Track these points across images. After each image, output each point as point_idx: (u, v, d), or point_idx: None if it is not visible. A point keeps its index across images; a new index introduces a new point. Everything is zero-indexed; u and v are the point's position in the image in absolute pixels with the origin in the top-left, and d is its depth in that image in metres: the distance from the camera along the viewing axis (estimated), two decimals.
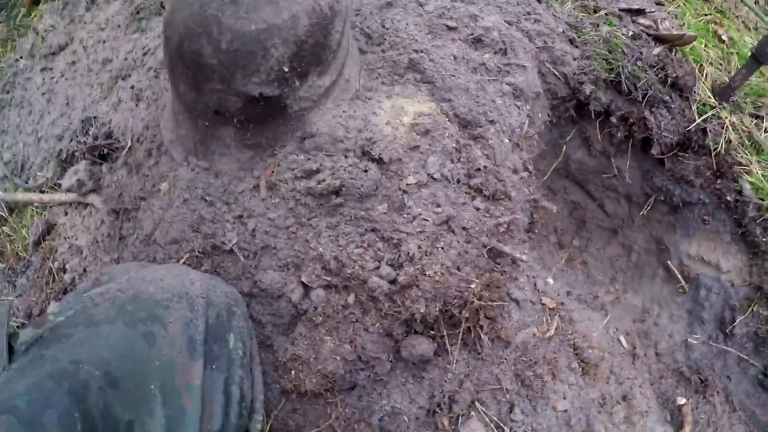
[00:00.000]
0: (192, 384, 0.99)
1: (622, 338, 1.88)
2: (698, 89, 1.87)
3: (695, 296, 1.94)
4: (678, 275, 1.95)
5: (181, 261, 1.33)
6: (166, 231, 1.36)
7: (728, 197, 1.82)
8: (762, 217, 1.76)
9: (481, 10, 1.72)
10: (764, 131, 1.89)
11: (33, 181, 2.00)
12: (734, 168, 1.82)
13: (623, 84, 1.80)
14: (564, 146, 1.99)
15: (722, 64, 2.07)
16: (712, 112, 1.84)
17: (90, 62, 2.05)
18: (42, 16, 2.50)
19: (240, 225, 1.34)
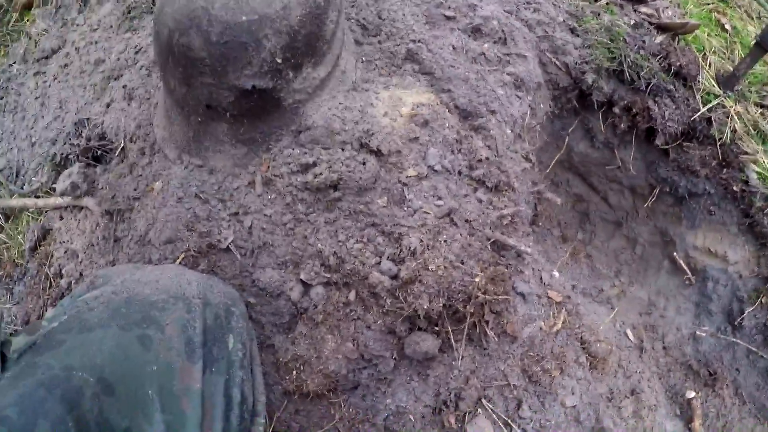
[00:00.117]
0: (191, 388, 0.96)
1: (629, 332, 1.86)
2: (702, 78, 1.85)
3: (702, 288, 1.92)
4: (684, 267, 1.93)
5: (177, 261, 1.30)
6: (161, 231, 1.33)
7: (734, 187, 1.80)
8: None
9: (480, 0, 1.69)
10: None
11: (28, 187, 1.98)
12: (740, 157, 1.79)
13: (626, 73, 1.77)
14: (566, 138, 1.96)
15: (725, 53, 2.04)
16: (717, 101, 1.82)
17: (83, 64, 2.03)
18: (34, 21, 2.49)
19: (236, 222, 1.31)
